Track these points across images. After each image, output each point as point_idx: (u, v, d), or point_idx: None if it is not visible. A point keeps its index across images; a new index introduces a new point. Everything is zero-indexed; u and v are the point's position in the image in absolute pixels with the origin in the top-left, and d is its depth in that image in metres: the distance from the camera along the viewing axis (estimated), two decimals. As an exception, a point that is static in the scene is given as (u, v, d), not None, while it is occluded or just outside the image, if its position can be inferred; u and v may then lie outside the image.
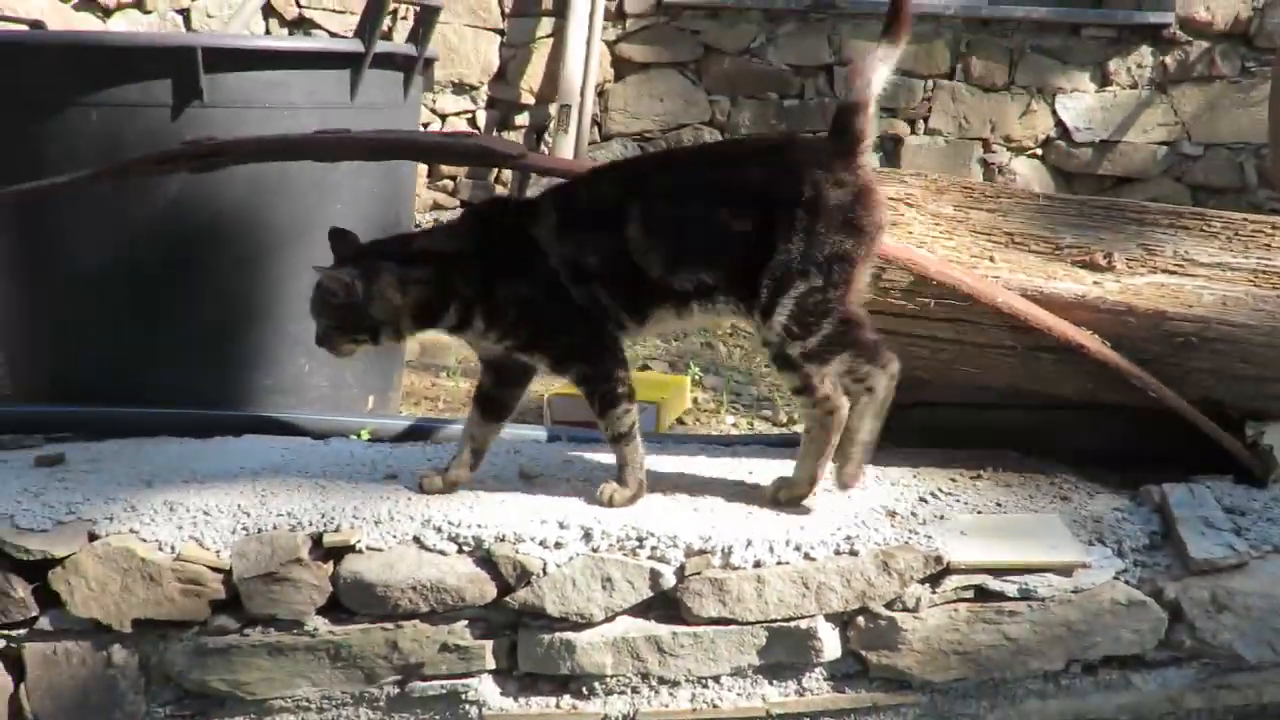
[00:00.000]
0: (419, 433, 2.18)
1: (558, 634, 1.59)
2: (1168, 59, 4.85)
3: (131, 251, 2.20)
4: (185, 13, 4.82)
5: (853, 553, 1.57)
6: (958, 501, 1.75)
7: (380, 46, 2.30)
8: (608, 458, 1.94)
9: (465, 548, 1.61)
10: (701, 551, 1.58)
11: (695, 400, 3.05)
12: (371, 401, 2.53)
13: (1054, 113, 4.88)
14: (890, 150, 4.86)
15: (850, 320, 1.64)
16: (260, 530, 1.64)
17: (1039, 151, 4.93)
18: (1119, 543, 1.64)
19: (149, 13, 4.83)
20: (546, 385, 3.15)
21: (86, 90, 2.10)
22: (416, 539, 1.62)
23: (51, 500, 1.70)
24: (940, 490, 1.79)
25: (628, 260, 1.65)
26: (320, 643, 1.61)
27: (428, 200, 4.79)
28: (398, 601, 1.59)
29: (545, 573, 1.58)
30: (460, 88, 4.84)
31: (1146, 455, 1.92)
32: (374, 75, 2.32)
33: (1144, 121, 4.89)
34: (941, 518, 1.68)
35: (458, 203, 4.81)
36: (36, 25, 2.91)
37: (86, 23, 4.76)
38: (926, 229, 1.99)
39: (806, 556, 1.57)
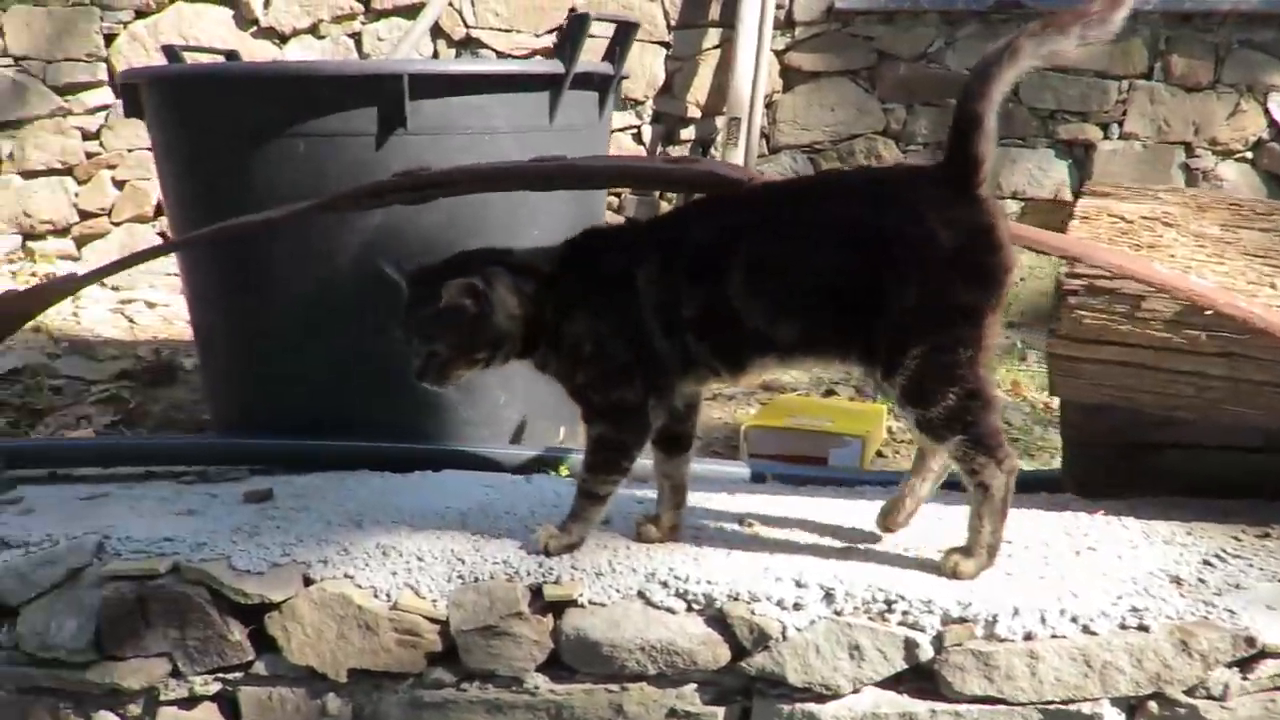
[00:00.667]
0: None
1: (799, 705, 1.46)
2: (1398, 50, 4.39)
3: (332, 283, 2.17)
4: (357, 37, 4.90)
5: (1142, 627, 1.38)
6: (1250, 566, 1.54)
7: (579, 66, 2.22)
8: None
9: (695, 606, 1.49)
10: (962, 619, 1.42)
11: (889, 430, 2.87)
12: (562, 433, 2.45)
13: (1266, 112, 4.47)
14: (1080, 158, 4.55)
15: (978, 395, 1.43)
16: (476, 579, 1.56)
17: (1249, 155, 4.52)
18: None
19: (322, 38, 4.93)
20: (732, 412, 3.02)
21: (295, 120, 2.08)
22: (641, 594, 1.52)
23: (266, 541, 1.67)
24: (1225, 551, 1.58)
25: (728, 307, 1.48)
26: (540, 702, 1.53)
27: (592, 218, 4.74)
28: (624, 662, 1.49)
29: (785, 637, 1.45)
30: (625, 102, 4.78)
31: None
32: (572, 96, 2.24)
33: (1371, 120, 4.44)
34: (1238, 586, 1.48)
35: (622, 220, 4.74)
36: (231, 56, 2.92)
37: (265, 50, 4.90)
38: (1190, 252, 1.78)
39: (1086, 630, 1.39)
